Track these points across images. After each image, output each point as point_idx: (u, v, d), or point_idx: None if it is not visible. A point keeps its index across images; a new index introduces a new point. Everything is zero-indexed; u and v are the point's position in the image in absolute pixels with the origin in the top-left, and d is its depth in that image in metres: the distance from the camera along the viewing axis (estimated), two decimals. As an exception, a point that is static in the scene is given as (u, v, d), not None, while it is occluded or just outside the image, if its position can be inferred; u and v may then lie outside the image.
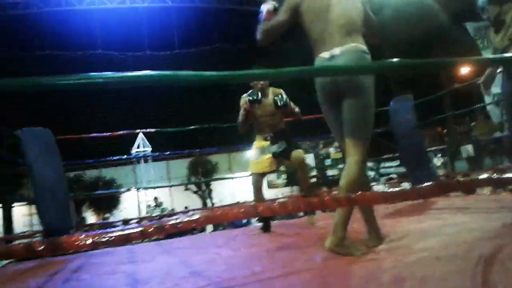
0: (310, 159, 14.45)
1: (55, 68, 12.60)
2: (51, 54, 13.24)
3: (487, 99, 10.02)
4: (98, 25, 13.73)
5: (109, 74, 1.00)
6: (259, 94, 3.70)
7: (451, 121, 12.03)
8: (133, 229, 0.82)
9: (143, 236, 0.81)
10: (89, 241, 0.77)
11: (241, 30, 12.88)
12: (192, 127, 5.87)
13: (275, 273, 1.88)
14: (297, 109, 3.90)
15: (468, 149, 10.02)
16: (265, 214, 0.89)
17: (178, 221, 0.84)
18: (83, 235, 0.80)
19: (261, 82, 3.78)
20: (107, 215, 14.93)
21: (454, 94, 10.98)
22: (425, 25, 11.42)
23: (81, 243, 0.77)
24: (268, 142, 3.84)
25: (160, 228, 0.83)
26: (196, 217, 0.86)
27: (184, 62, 13.41)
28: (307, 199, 0.90)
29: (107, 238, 0.79)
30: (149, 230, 0.82)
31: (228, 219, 0.89)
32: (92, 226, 8.75)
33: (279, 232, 3.77)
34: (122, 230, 0.83)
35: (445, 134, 12.23)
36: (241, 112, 3.77)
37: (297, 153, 3.80)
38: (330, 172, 14.48)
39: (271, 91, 3.87)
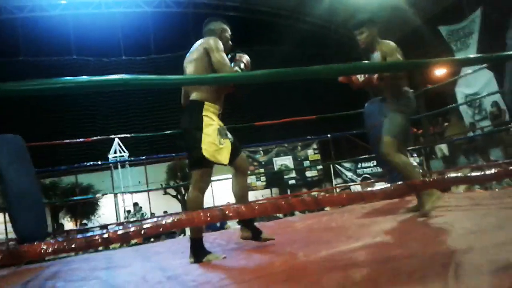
0: (288, 161, 14.51)
1: (30, 74, 12.40)
2: (26, 60, 13.01)
3: (460, 100, 10.28)
4: (73, 30, 13.55)
5: (68, 78, 0.99)
6: None
7: (425, 121, 12.26)
8: (96, 236, 0.81)
9: (107, 242, 0.80)
10: (51, 249, 0.76)
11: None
12: (168, 132, 5.85)
13: (252, 275, 1.88)
14: None
15: (442, 148, 10.22)
16: (233, 218, 0.89)
17: (143, 226, 0.84)
18: (45, 243, 0.78)
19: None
20: (84, 221, 14.68)
21: (428, 95, 11.19)
22: (399, 29, 11.62)
23: (42, 251, 0.76)
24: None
25: (125, 235, 0.82)
26: (162, 222, 0.85)
27: (160, 67, 13.32)
28: (275, 202, 0.90)
29: (69, 246, 0.78)
30: (114, 237, 0.81)
31: (194, 223, 0.89)
32: (69, 233, 8.62)
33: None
34: (84, 237, 0.81)
35: (420, 134, 12.44)
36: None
37: (244, 157, 2.92)
38: (309, 174, 14.56)
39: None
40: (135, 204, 12.26)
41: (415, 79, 13.03)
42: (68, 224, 14.65)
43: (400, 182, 1.17)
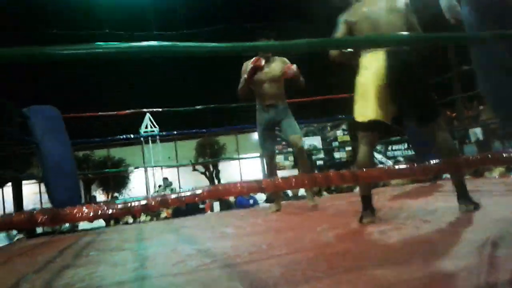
0: (317, 141, 14.40)
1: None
2: (58, 33, 13.18)
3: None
4: (105, 4, 13.63)
5: (115, 44, 0.97)
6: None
7: (460, 104, 11.90)
8: (137, 202, 0.82)
9: (147, 209, 0.80)
10: (92, 212, 0.77)
11: (247, 10, 12.72)
12: (199, 107, 5.87)
13: (281, 250, 1.89)
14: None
15: (477, 132, 9.92)
16: (268, 190, 0.88)
17: (181, 195, 0.84)
18: (86, 207, 0.79)
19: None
20: (116, 194, 15.07)
21: (463, 76, 10.83)
22: (432, 11, 11.19)
23: (83, 215, 0.77)
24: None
25: (164, 202, 0.83)
26: (199, 191, 0.86)
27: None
28: (312, 175, 0.89)
29: (110, 210, 0.79)
30: (153, 204, 0.82)
31: (231, 194, 0.89)
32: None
33: (287, 212, 3.79)
34: (125, 203, 0.82)
35: (454, 117, 12.09)
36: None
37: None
38: (337, 155, 14.46)
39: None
40: (165, 179, 12.48)
41: (449, 59, 12.63)
42: (100, 196, 15.08)
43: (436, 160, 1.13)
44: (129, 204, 0.81)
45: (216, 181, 16.38)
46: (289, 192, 9.68)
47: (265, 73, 3.73)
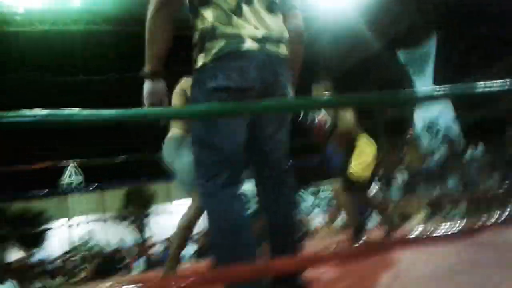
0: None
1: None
2: None
3: (419, 125, 10.41)
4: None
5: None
6: None
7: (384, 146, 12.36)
8: None
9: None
10: None
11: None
12: (125, 156, 5.62)
13: None
14: None
15: (401, 175, 10.28)
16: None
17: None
18: None
19: None
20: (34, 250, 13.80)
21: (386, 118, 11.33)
22: (359, 52, 11.73)
23: None
24: None
25: None
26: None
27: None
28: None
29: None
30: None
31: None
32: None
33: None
34: None
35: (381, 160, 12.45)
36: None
37: None
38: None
39: None
40: (88, 233, 11.83)
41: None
42: (18, 254, 13.73)
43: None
44: None
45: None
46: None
47: None
